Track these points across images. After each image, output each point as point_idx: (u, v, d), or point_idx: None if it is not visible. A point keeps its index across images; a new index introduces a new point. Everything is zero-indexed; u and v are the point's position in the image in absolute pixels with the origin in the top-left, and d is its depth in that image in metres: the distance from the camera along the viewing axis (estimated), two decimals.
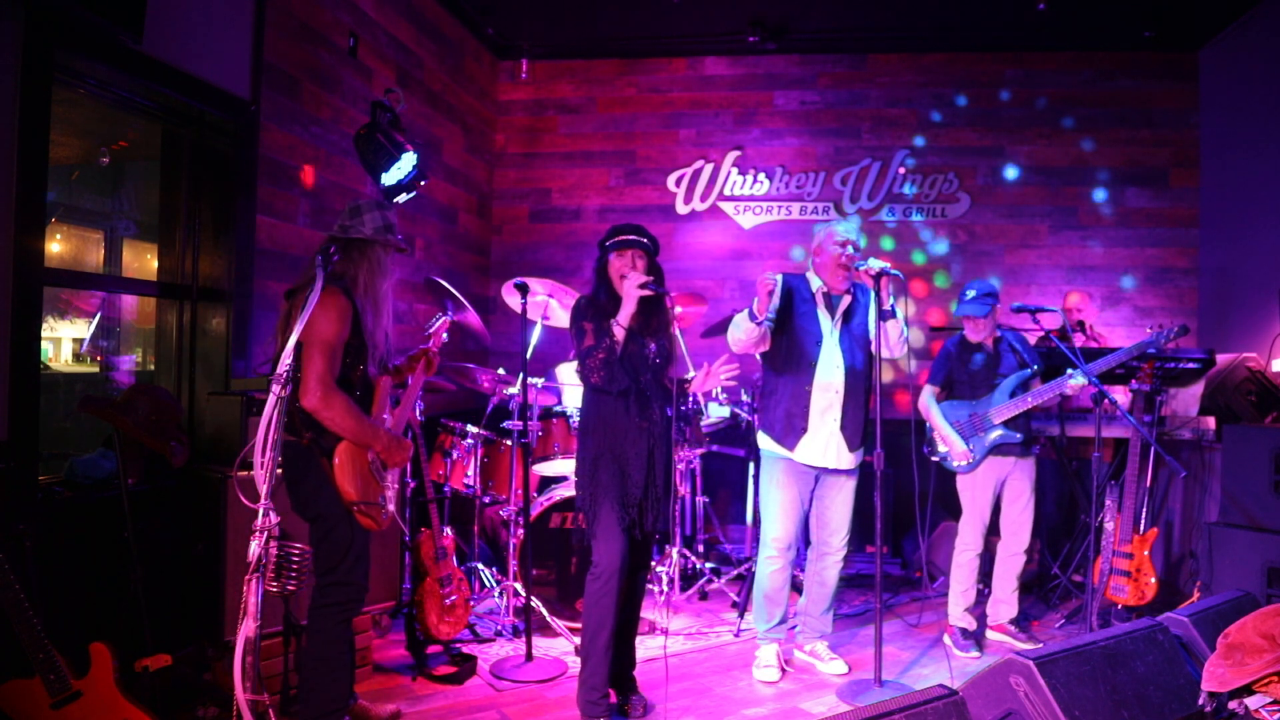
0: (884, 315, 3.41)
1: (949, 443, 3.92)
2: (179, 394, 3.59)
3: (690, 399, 4.44)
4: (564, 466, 4.15)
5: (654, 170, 6.25)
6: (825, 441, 3.54)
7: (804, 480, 3.60)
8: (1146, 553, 3.82)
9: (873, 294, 3.43)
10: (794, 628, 3.81)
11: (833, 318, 3.60)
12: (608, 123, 6.31)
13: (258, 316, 3.71)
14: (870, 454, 3.37)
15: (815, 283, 3.64)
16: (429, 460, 4.10)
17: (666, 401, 3.15)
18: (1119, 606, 3.92)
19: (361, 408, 2.62)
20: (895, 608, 4.49)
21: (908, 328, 3.56)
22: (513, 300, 3.88)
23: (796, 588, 4.20)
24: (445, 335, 3.32)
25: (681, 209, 6.21)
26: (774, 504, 3.61)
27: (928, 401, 4.02)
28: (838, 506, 3.62)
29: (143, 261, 3.81)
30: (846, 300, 3.61)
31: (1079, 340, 4.88)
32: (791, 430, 3.56)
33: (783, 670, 3.60)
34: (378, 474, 2.67)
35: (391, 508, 2.73)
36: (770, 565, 3.61)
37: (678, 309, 4.77)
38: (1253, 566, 3.56)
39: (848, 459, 3.56)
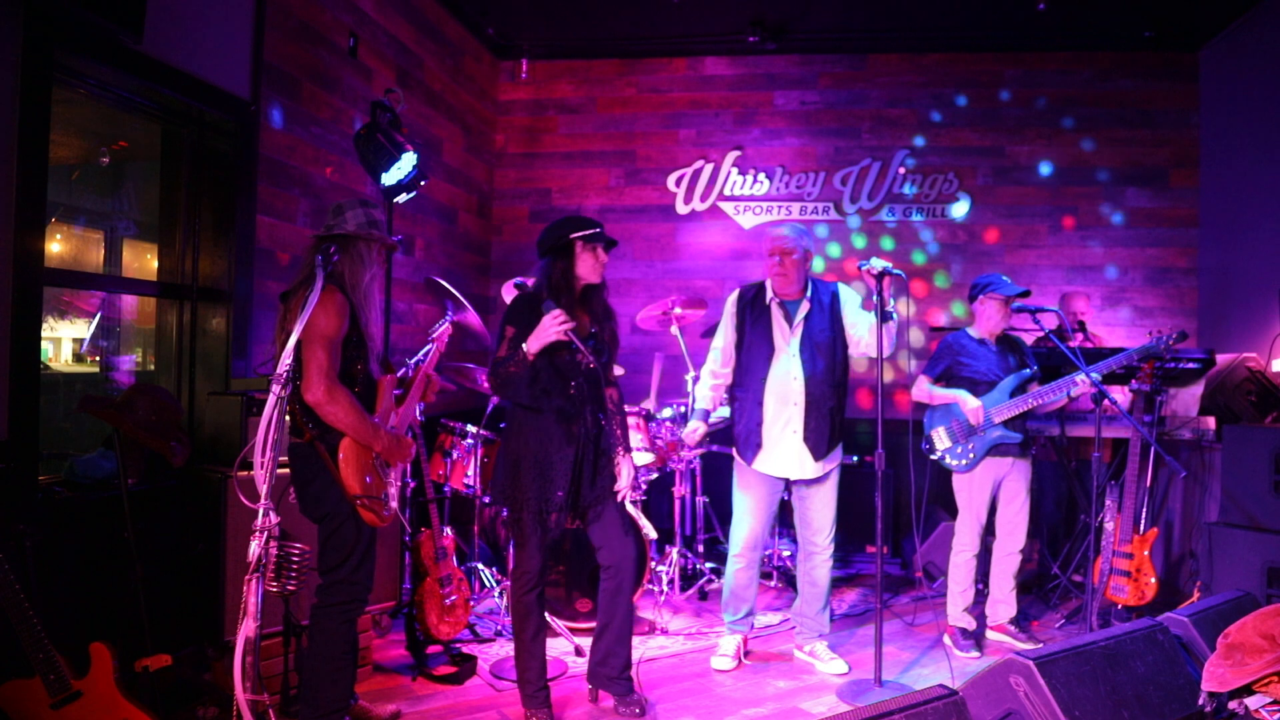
0: (884, 316, 3.36)
1: (959, 400, 3.83)
2: (179, 394, 3.59)
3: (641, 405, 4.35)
4: None
5: (654, 170, 6.25)
6: (786, 453, 3.52)
7: (770, 485, 3.60)
8: (1146, 553, 3.82)
9: (875, 295, 3.34)
10: (794, 628, 3.81)
11: (790, 326, 3.55)
12: (608, 123, 6.31)
13: (258, 316, 3.71)
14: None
15: (770, 291, 3.59)
16: (429, 460, 4.10)
17: (600, 405, 3.04)
18: (1119, 606, 3.92)
19: (363, 405, 2.62)
20: (895, 608, 4.49)
21: (909, 327, 3.55)
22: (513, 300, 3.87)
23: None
24: (444, 346, 3.32)
25: (681, 209, 6.21)
26: (739, 507, 3.65)
27: (926, 388, 3.97)
28: (817, 508, 3.61)
29: (143, 261, 3.81)
30: (805, 307, 3.55)
31: (1077, 340, 4.87)
32: (749, 445, 3.57)
33: (739, 661, 3.66)
34: (381, 470, 2.68)
35: (394, 504, 2.73)
36: (735, 564, 3.66)
37: (677, 310, 4.78)
38: (1253, 566, 3.56)
39: (813, 468, 3.53)
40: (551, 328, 2.83)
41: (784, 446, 3.51)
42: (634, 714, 3.11)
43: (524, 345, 2.87)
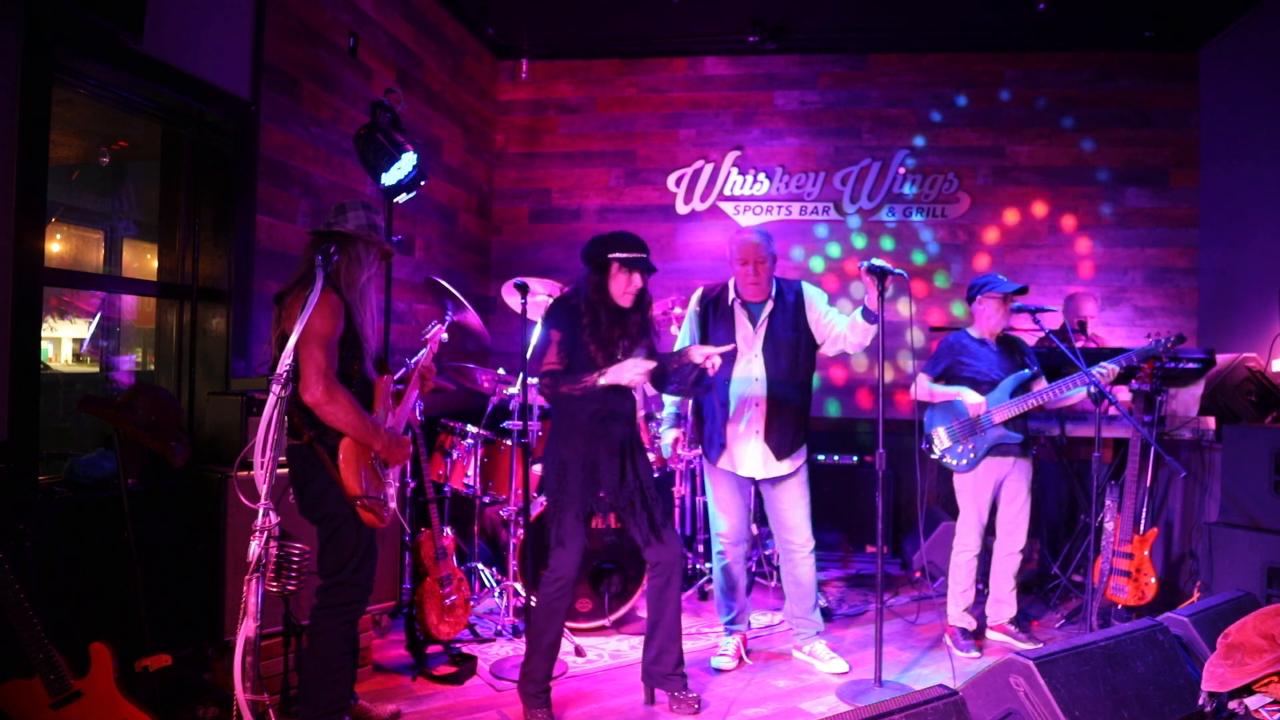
0: (871, 317, 3.35)
1: (960, 395, 3.81)
2: (179, 394, 3.59)
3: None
4: None
5: (654, 170, 6.25)
6: (749, 454, 3.52)
7: (739, 481, 3.61)
8: (1146, 553, 3.82)
9: (879, 295, 3.31)
10: (790, 628, 3.81)
11: (754, 327, 3.54)
12: (608, 123, 6.31)
13: (258, 316, 3.71)
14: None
15: (733, 292, 3.59)
16: (429, 460, 4.10)
17: (640, 405, 3.13)
18: (1119, 606, 3.92)
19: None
20: (895, 608, 4.49)
21: (909, 327, 3.55)
22: (513, 300, 3.87)
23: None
24: (439, 344, 3.32)
25: (681, 209, 6.21)
26: (713, 505, 3.67)
27: (927, 386, 3.93)
28: (788, 507, 3.60)
29: (143, 261, 3.81)
30: (769, 307, 3.54)
31: (1077, 341, 4.87)
32: (713, 445, 3.58)
33: (739, 661, 3.65)
34: (380, 470, 2.68)
35: (393, 505, 2.74)
36: (719, 561, 3.67)
37: (677, 310, 4.77)
38: (1253, 566, 3.56)
39: (776, 468, 3.53)
40: (632, 374, 2.93)
41: (747, 447, 3.52)
42: (690, 711, 3.12)
43: (598, 378, 2.93)
